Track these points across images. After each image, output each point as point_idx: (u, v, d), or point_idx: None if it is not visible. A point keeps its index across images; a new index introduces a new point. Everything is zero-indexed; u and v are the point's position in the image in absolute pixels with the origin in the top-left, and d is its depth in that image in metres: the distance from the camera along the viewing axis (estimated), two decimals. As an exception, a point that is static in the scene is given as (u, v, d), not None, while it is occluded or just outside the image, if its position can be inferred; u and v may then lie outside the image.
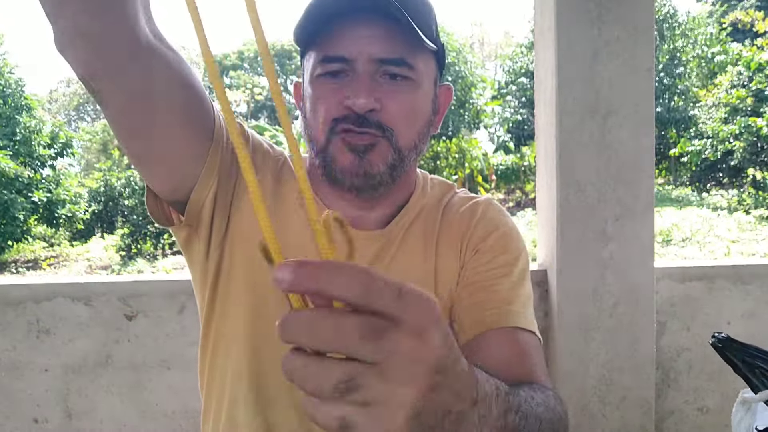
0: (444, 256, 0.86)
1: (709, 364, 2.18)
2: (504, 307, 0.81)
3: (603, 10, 1.98)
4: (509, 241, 0.87)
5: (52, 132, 14.32)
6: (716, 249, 9.43)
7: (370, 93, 0.74)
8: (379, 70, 0.76)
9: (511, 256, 0.86)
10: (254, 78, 33.06)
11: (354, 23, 0.75)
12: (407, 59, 0.76)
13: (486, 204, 0.91)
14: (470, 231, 0.87)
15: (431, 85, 0.82)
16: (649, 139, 2.02)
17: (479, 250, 0.86)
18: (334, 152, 0.77)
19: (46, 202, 12.90)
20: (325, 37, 0.76)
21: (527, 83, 20.31)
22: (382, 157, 0.77)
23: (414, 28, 0.72)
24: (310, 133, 0.81)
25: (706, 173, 16.99)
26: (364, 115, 0.75)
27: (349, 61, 0.75)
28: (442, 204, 0.90)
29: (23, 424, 2.12)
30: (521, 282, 0.85)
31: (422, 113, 0.81)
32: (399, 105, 0.77)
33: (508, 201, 18.13)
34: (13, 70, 14.45)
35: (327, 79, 0.77)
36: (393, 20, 0.73)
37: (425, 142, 0.84)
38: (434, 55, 0.82)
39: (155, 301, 2.09)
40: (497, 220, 0.88)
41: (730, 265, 2.19)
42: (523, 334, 0.80)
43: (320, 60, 0.77)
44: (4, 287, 2.11)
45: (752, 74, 14.82)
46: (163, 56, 0.69)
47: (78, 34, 0.61)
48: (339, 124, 0.76)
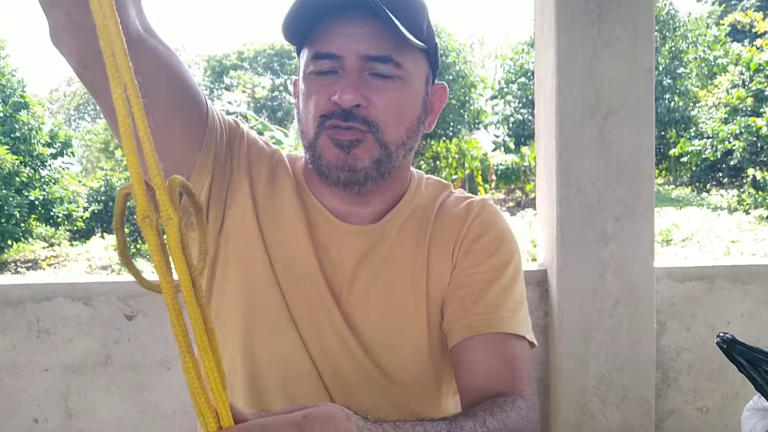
0: (436, 253, 0.87)
1: (709, 364, 2.18)
2: (493, 312, 0.81)
3: (603, 10, 1.98)
4: (502, 243, 0.87)
5: (51, 131, 14.31)
6: (716, 249, 9.43)
7: (356, 89, 0.76)
8: (366, 67, 0.77)
9: (503, 259, 0.86)
10: (254, 78, 33.04)
11: (344, 21, 0.76)
12: (394, 57, 0.77)
13: (481, 205, 0.91)
14: (464, 231, 0.88)
15: (422, 83, 0.83)
16: (649, 139, 2.02)
17: (471, 251, 0.86)
18: (321, 147, 0.79)
19: (42, 200, 12.88)
20: (316, 34, 0.78)
21: (527, 83, 20.31)
22: (367, 152, 0.78)
23: (398, 26, 0.73)
24: (302, 128, 0.82)
25: (706, 173, 16.99)
26: (350, 110, 0.76)
27: (338, 57, 0.77)
28: (437, 203, 0.91)
29: (23, 424, 2.12)
30: (512, 285, 0.85)
31: (410, 110, 0.82)
32: (385, 101, 0.78)
33: (508, 201, 18.13)
34: (14, 72, 14.44)
35: (317, 75, 0.79)
36: (381, 18, 0.74)
37: (415, 140, 0.84)
38: (425, 54, 0.83)
39: (155, 301, 2.08)
40: (491, 222, 0.89)
41: (730, 265, 2.19)
42: (510, 340, 0.80)
43: (311, 57, 0.79)
44: (4, 287, 2.11)
45: (752, 74, 14.82)
46: (152, 49, 0.70)
47: (71, 25, 0.62)
48: (327, 120, 0.77)
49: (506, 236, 0.89)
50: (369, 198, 0.86)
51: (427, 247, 0.87)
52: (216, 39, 73.95)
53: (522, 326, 0.83)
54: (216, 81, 33.01)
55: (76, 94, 39.45)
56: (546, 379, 2.17)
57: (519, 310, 0.85)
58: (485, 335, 0.80)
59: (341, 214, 0.87)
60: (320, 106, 0.78)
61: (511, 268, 0.86)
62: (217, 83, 32.98)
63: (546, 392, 2.18)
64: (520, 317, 0.84)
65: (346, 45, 0.76)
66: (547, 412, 2.17)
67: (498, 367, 0.78)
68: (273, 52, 33.39)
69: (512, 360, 0.79)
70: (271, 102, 32.77)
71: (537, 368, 2.17)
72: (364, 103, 0.77)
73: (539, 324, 2.14)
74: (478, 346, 0.80)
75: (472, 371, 0.79)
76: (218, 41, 75.18)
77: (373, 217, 0.88)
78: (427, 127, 0.87)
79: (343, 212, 0.87)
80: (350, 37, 0.76)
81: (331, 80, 0.78)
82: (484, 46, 36.97)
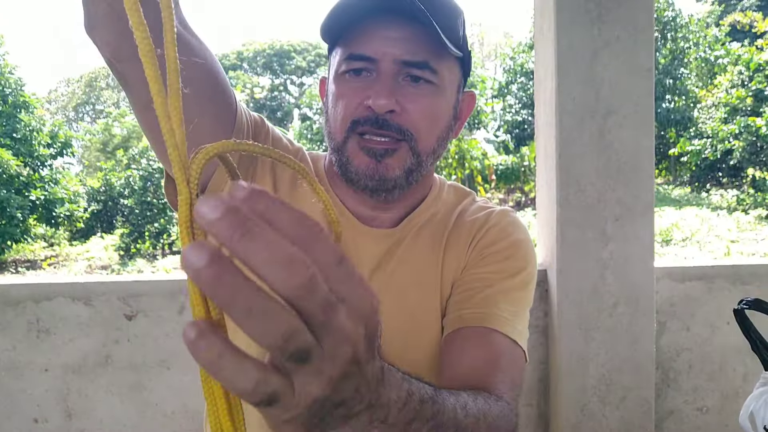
0: (451, 255, 0.86)
1: (709, 364, 2.18)
2: (487, 308, 0.79)
3: (603, 10, 1.98)
4: (517, 250, 0.86)
5: (51, 131, 14.31)
6: (716, 249, 9.43)
7: (391, 94, 0.74)
8: (402, 72, 0.76)
9: (514, 265, 0.84)
10: (253, 78, 33.04)
11: (382, 24, 0.75)
12: (431, 63, 0.76)
13: (502, 214, 0.89)
14: (480, 235, 0.86)
15: (454, 91, 0.82)
16: (649, 139, 2.02)
17: (483, 255, 0.85)
18: (350, 152, 0.77)
19: (43, 200, 12.89)
20: (352, 35, 0.76)
21: (527, 83, 20.31)
22: (400, 161, 0.77)
23: (438, 32, 0.72)
24: (329, 129, 0.81)
25: (706, 173, 16.99)
26: (383, 117, 0.75)
27: (373, 60, 0.75)
28: (456, 210, 0.90)
29: (23, 424, 2.12)
30: (518, 291, 0.83)
31: (443, 118, 0.81)
32: (419, 108, 0.76)
33: (508, 201, 18.13)
34: (13, 70, 14.44)
35: (350, 77, 0.77)
36: (419, 23, 0.73)
37: (444, 147, 0.83)
38: (459, 62, 0.82)
39: (155, 301, 2.09)
40: (509, 230, 0.87)
41: (729, 265, 2.20)
42: (499, 338, 0.77)
43: (345, 57, 0.77)
44: (4, 287, 2.11)
45: (752, 74, 14.83)
46: (186, 42, 0.69)
47: (113, 15, 0.62)
48: (358, 126, 0.76)
49: (522, 246, 0.87)
50: (393, 204, 0.85)
51: (442, 251, 0.86)
52: (215, 39, 74.01)
53: (517, 333, 0.79)
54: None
55: (74, 95, 39.45)
56: (546, 379, 2.17)
57: (518, 317, 0.81)
58: (476, 328, 0.77)
59: (363, 217, 0.86)
60: (351, 109, 0.76)
61: (519, 277, 0.84)
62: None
63: (546, 392, 2.18)
64: (517, 323, 0.80)
65: (382, 48, 0.74)
66: (547, 412, 2.17)
67: (482, 361, 0.75)
68: (272, 52, 33.39)
69: (498, 357, 0.76)
70: (270, 102, 32.77)
71: (537, 368, 2.17)
72: (398, 109, 0.75)
73: (539, 324, 2.14)
74: (465, 338, 0.77)
75: (454, 361, 0.76)
76: (218, 41, 75.22)
77: (393, 221, 0.87)
78: (454, 134, 0.86)
79: (365, 216, 0.86)
80: (387, 41, 0.74)
81: (364, 83, 0.76)
82: (484, 46, 36.98)
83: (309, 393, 0.32)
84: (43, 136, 13.84)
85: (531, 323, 0.86)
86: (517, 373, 0.77)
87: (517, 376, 0.76)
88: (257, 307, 0.28)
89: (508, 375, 0.75)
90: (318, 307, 0.30)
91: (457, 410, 0.52)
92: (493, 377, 0.72)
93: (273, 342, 0.29)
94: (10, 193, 12.12)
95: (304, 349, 0.30)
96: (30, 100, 14.18)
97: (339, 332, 0.31)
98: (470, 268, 0.85)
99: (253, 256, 0.28)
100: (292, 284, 0.28)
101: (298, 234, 0.30)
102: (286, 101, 33.27)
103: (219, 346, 0.30)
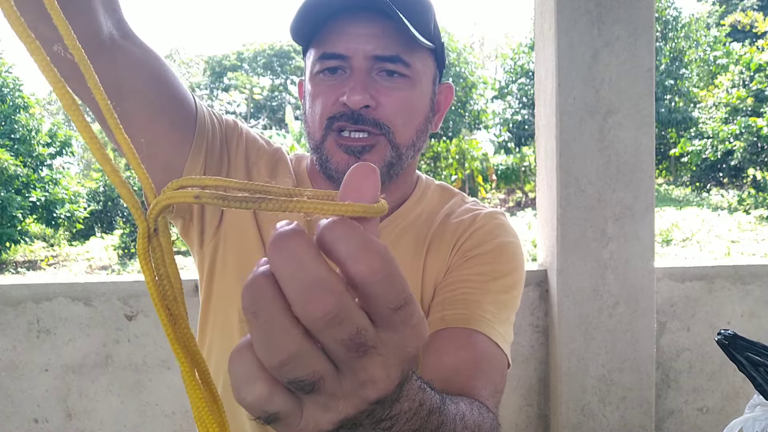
0: (433, 256, 0.85)
1: (709, 364, 2.18)
2: (470, 310, 0.77)
3: (603, 10, 1.98)
4: (502, 254, 0.84)
5: (50, 131, 14.31)
6: (716, 249, 9.43)
7: (365, 89, 0.75)
8: (375, 67, 0.76)
9: (499, 269, 0.82)
10: (253, 78, 33.03)
11: (351, 21, 0.76)
12: (402, 56, 0.76)
13: (488, 216, 0.88)
14: (464, 237, 0.85)
15: (429, 83, 0.82)
16: (649, 139, 2.02)
17: (468, 257, 0.83)
18: (328, 150, 0.78)
19: (44, 201, 12.89)
20: (323, 34, 0.77)
21: (528, 83, 20.31)
22: (380, 156, 0.77)
23: (407, 26, 0.73)
24: (308, 129, 0.81)
25: (707, 173, 16.98)
26: (359, 112, 0.75)
27: (345, 58, 0.76)
28: (442, 211, 0.89)
29: (23, 424, 2.12)
30: (503, 294, 0.81)
31: (419, 110, 0.81)
32: (394, 101, 0.77)
33: (508, 201, 18.12)
34: (10, 69, 14.43)
35: (325, 76, 0.78)
36: (388, 18, 0.73)
37: (424, 140, 0.83)
38: (432, 54, 0.82)
39: (155, 301, 2.08)
40: (496, 233, 0.86)
41: (730, 265, 2.19)
42: (482, 339, 0.75)
43: (318, 57, 0.78)
44: (4, 287, 2.11)
45: (752, 74, 14.82)
46: (128, 52, 0.69)
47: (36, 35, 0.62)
48: (334, 122, 0.76)
49: (508, 248, 0.85)
50: None
51: (424, 252, 0.84)
52: (215, 39, 73.99)
53: (500, 336, 0.77)
54: (215, 81, 33.01)
55: (75, 95, 39.40)
56: (546, 379, 2.17)
57: (502, 320, 0.79)
58: (458, 329, 0.75)
59: None
60: (328, 107, 0.77)
61: (504, 280, 0.82)
62: (217, 83, 32.98)
63: (546, 392, 2.18)
64: (500, 326, 0.78)
65: (353, 45, 0.75)
66: (547, 412, 2.17)
67: (464, 362, 0.72)
68: (272, 52, 33.37)
69: (480, 360, 0.73)
70: (270, 102, 32.77)
71: (537, 368, 2.16)
72: (373, 104, 0.76)
73: (539, 324, 2.14)
74: (448, 339, 0.75)
75: (436, 362, 0.73)
76: (217, 42, 75.22)
77: None
78: (434, 126, 0.86)
79: None
80: (358, 38, 0.75)
81: (339, 81, 0.77)
82: (484, 47, 36.97)
83: (317, 424, 0.31)
84: (42, 136, 13.84)
85: (531, 323, 0.86)
86: (499, 377, 0.75)
87: (499, 381, 0.75)
88: (268, 325, 0.28)
89: (491, 380, 0.73)
90: (340, 345, 0.28)
91: (456, 421, 0.52)
92: (475, 380, 0.70)
93: (269, 363, 0.28)
94: (10, 194, 12.12)
95: (305, 381, 0.29)
96: (30, 102, 14.17)
97: (364, 375, 0.30)
98: (453, 270, 0.83)
99: (280, 271, 0.27)
100: (310, 311, 0.27)
101: (358, 269, 0.28)
102: (286, 102, 33.25)
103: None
